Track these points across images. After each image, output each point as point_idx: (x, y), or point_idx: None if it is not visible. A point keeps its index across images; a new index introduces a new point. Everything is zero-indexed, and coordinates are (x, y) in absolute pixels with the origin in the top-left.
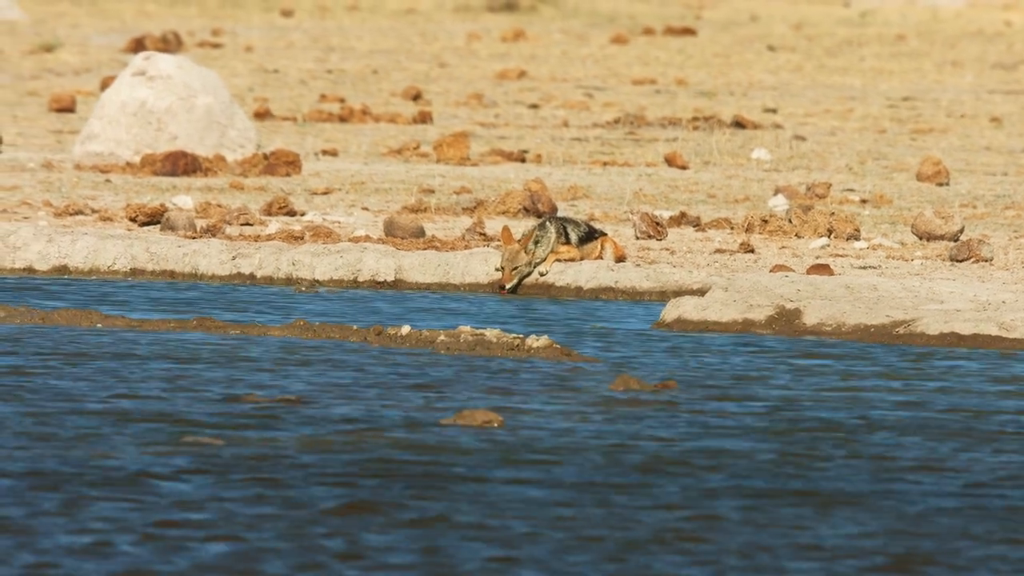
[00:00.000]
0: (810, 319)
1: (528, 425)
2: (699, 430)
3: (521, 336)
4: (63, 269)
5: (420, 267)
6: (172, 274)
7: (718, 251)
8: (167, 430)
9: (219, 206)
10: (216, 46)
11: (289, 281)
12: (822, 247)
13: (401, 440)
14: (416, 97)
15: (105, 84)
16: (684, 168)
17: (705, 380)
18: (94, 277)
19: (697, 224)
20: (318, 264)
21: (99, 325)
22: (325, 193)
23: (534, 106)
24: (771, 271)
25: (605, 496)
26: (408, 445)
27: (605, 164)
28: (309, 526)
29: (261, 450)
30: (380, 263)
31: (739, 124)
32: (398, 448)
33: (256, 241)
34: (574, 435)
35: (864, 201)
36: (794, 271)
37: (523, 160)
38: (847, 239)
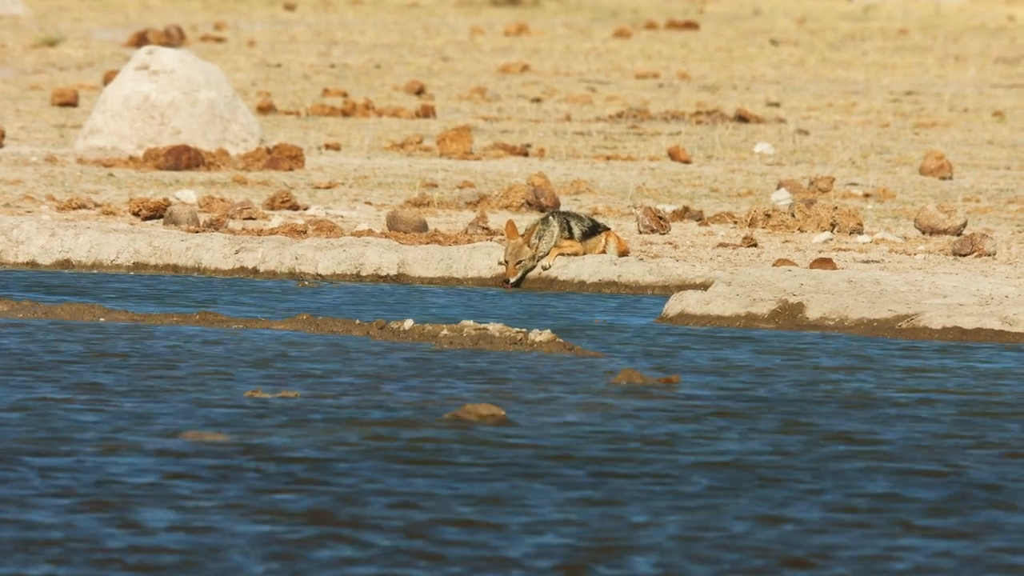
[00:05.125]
0: (813, 313)
1: (531, 420)
2: (701, 424)
3: (524, 330)
4: (66, 263)
5: (423, 261)
6: (175, 268)
7: (721, 245)
8: (168, 425)
9: (222, 200)
10: (219, 40)
11: (292, 275)
12: (825, 241)
13: (403, 435)
14: (419, 91)
15: (108, 78)
16: (687, 162)
17: (708, 374)
18: (96, 271)
19: (700, 218)
20: (321, 258)
21: (102, 319)
22: (328, 187)
23: (537, 100)
24: (774, 265)
25: (609, 490)
26: (410, 439)
27: (608, 158)
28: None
29: (261, 445)
30: (383, 257)
31: (742, 118)
32: (398, 443)
33: (259, 235)
34: (578, 429)
35: (867, 195)
36: (797, 265)
37: (526, 154)
38: (850, 233)
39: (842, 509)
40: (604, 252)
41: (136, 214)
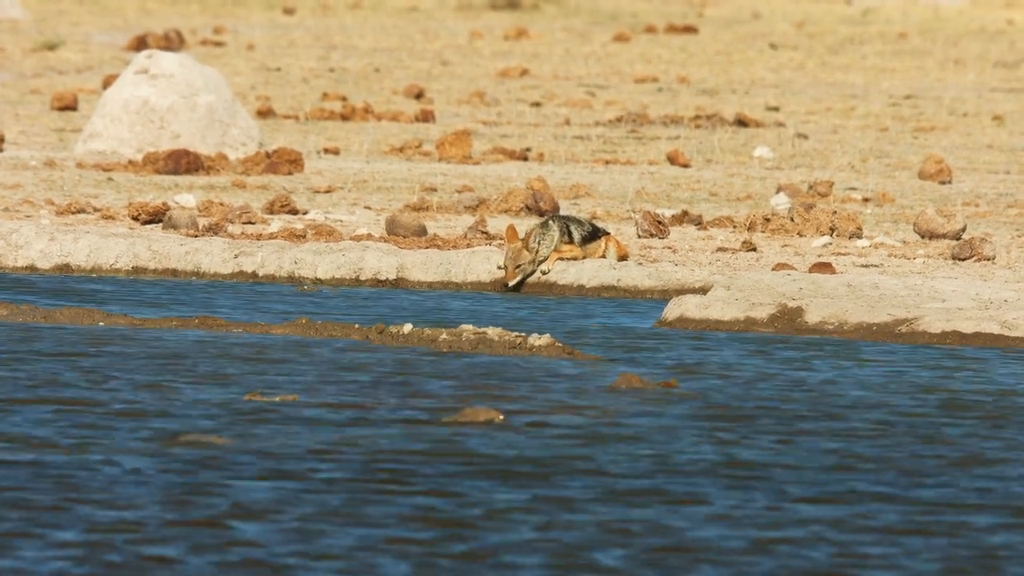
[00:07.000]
0: (812, 317)
1: (530, 423)
2: (700, 428)
3: (523, 334)
4: (65, 267)
5: (422, 265)
6: (174, 272)
7: (720, 249)
8: (167, 428)
9: (221, 204)
10: (218, 44)
11: (291, 279)
12: (824, 245)
13: (402, 439)
14: (418, 95)
15: (107, 82)
16: (686, 166)
17: (707, 379)
18: (96, 275)
19: (699, 222)
20: (320, 263)
21: (101, 324)
22: (327, 191)
23: (536, 104)
24: (773, 269)
25: (607, 493)
26: (409, 443)
27: (607, 162)
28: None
29: (260, 448)
30: (382, 262)
31: (741, 122)
32: (398, 447)
33: (258, 239)
34: (577, 433)
35: (866, 199)
36: (796, 269)
37: (525, 158)
38: (849, 237)
39: (847, 513)
40: (604, 256)
41: (135, 218)
